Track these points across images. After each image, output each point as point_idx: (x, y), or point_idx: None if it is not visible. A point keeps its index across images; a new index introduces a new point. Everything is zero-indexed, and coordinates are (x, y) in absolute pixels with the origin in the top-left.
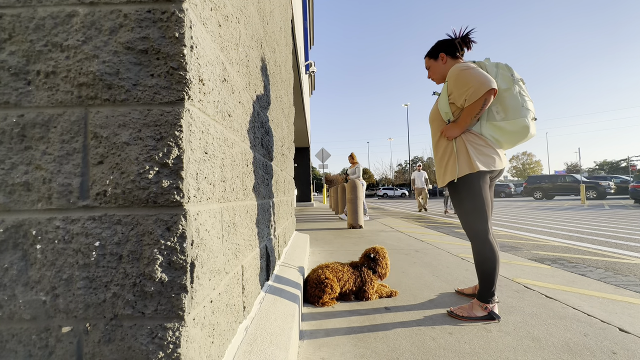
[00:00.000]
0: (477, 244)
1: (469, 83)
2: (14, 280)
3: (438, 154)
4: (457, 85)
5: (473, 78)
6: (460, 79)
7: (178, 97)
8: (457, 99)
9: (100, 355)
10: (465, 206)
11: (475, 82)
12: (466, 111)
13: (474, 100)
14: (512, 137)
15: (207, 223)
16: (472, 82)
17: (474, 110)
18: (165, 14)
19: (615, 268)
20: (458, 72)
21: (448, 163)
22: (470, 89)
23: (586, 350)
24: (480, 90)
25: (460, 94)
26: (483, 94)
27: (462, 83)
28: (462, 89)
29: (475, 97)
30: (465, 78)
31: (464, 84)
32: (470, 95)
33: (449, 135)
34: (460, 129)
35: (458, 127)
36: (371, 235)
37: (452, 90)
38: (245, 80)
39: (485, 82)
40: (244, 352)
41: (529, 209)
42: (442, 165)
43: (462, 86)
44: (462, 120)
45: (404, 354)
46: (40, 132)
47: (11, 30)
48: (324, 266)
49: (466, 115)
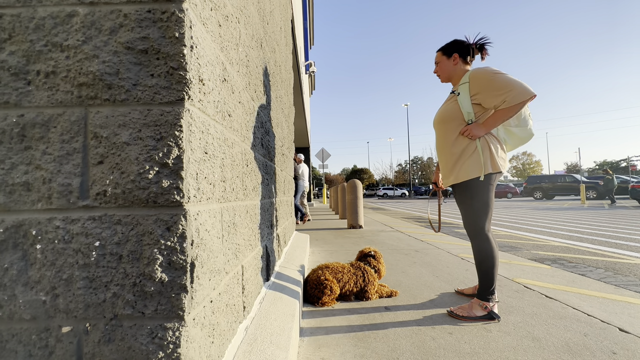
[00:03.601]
0: (478, 242)
1: (510, 86)
2: (14, 280)
3: (455, 153)
4: (491, 88)
5: (514, 82)
6: (496, 82)
7: (178, 97)
8: (487, 101)
9: (100, 355)
10: (475, 204)
11: (518, 86)
12: (501, 113)
13: (514, 103)
14: (519, 142)
15: (207, 223)
16: (514, 86)
17: (509, 113)
18: (165, 14)
19: (615, 268)
20: (492, 74)
21: (467, 161)
22: (511, 92)
23: (586, 350)
24: (524, 95)
25: (495, 95)
26: (526, 98)
27: (500, 86)
28: (498, 91)
29: (517, 100)
30: (504, 81)
31: (503, 86)
32: (511, 98)
33: (474, 135)
34: (487, 130)
35: (485, 127)
36: (371, 235)
37: (480, 91)
38: (245, 80)
39: (528, 87)
40: (244, 352)
41: (529, 209)
42: (458, 164)
43: (500, 89)
44: (493, 121)
45: (404, 354)
46: (40, 132)
47: (11, 30)
48: (324, 266)
49: (499, 116)
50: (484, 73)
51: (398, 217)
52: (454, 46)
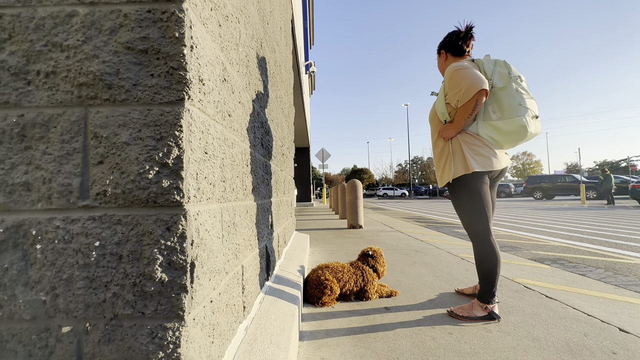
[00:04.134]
0: (477, 245)
1: (461, 83)
2: (14, 280)
3: (436, 155)
4: (451, 86)
5: (465, 78)
6: (453, 79)
7: (178, 97)
8: (451, 99)
9: (100, 355)
10: (465, 207)
11: (466, 82)
12: (459, 111)
13: (465, 100)
14: (510, 136)
15: (207, 223)
16: (464, 82)
17: (466, 111)
18: (165, 14)
19: (615, 268)
20: (452, 72)
21: (445, 164)
22: (462, 89)
23: (586, 350)
24: (471, 91)
25: (453, 94)
26: (474, 94)
27: (455, 83)
28: (455, 89)
29: (467, 97)
30: (458, 78)
31: (457, 84)
32: (462, 95)
33: (445, 136)
34: (456, 130)
35: (453, 128)
36: (371, 235)
37: (448, 90)
38: (245, 80)
39: (476, 82)
40: (244, 352)
41: (529, 209)
42: (440, 166)
43: (455, 86)
44: (456, 121)
45: (404, 354)
46: (40, 132)
47: (11, 30)
48: (324, 266)
49: (459, 115)
50: (447, 71)
51: (398, 217)
52: (442, 43)
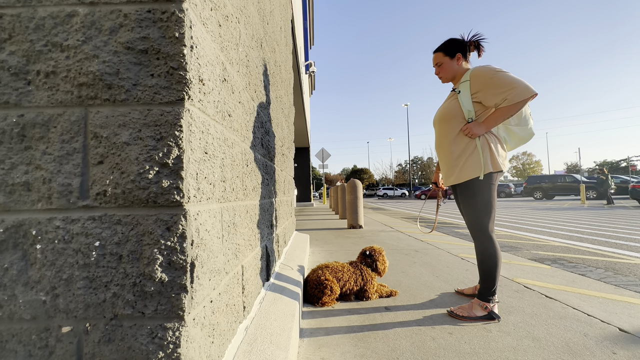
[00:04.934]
0: (482, 242)
1: (511, 84)
2: (14, 280)
3: (454, 152)
4: (493, 86)
5: (516, 80)
6: (498, 80)
7: (178, 97)
8: (488, 99)
9: (100, 355)
10: (478, 203)
11: (520, 84)
12: (502, 111)
13: (516, 101)
14: (519, 141)
15: (207, 223)
16: (516, 84)
17: (510, 111)
18: (165, 14)
19: (615, 268)
20: (494, 72)
21: (467, 161)
22: (513, 90)
23: (586, 350)
24: (526, 93)
25: (496, 94)
26: (528, 97)
27: (501, 84)
28: (499, 89)
29: (519, 98)
30: (506, 79)
31: (504, 84)
32: (513, 96)
33: (474, 133)
34: (487, 128)
35: (485, 126)
36: (371, 235)
37: (481, 89)
38: (245, 80)
39: (529, 86)
40: (244, 352)
41: (529, 209)
42: (459, 163)
43: (501, 87)
44: (493, 119)
45: (404, 354)
46: (40, 132)
47: (11, 30)
48: (324, 266)
49: (500, 115)
50: (485, 71)
51: (398, 217)
52: (456, 45)
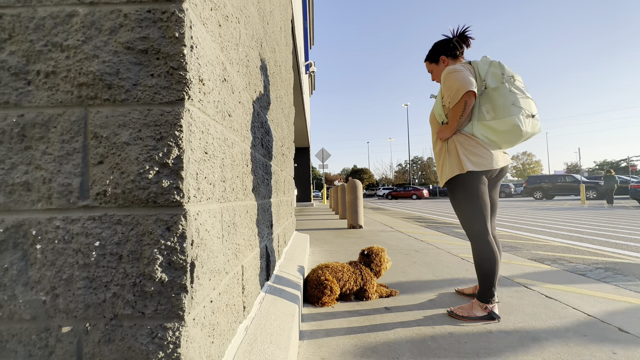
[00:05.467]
0: (475, 244)
1: (452, 85)
2: (14, 280)
3: (435, 155)
4: (445, 88)
5: (455, 80)
6: (446, 82)
7: (178, 97)
8: (445, 101)
9: (100, 355)
10: (462, 206)
11: (456, 84)
12: (451, 113)
13: (455, 102)
14: (505, 136)
15: (207, 223)
16: (454, 85)
17: (457, 112)
18: (165, 14)
19: (615, 268)
20: (445, 74)
21: (443, 164)
22: (452, 91)
23: (586, 350)
24: (459, 92)
25: (447, 95)
26: (462, 96)
27: (448, 86)
28: (448, 91)
29: (456, 98)
30: (450, 81)
31: (449, 86)
32: (452, 97)
33: (441, 137)
34: (451, 131)
35: (448, 129)
36: (371, 235)
37: (443, 92)
38: (245, 80)
39: (464, 84)
40: (244, 352)
41: (529, 209)
42: (440, 165)
43: (448, 88)
44: (450, 122)
45: (404, 354)
46: (40, 132)
47: (11, 30)
48: (324, 266)
49: (452, 117)
50: (443, 74)
51: (398, 217)
52: (438, 50)
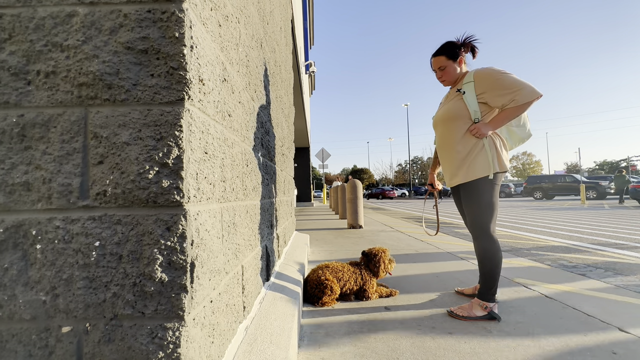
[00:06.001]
0: (483, 242)
1: (518, 86)
2: (14, 280)
3: (461, 152)
4: (499, 87)
5: (522, 82)
6: (504, 81)
7: (178, 97)
8: (495, 100)
9: (100, 355)
10: (483, 203)
11: (526, 86)
12: (508, 112)
13: (523, 102)
14: (518, 142)
15: (207, 223)
16: (523, 86)
17: (517, 112)
18: (165, 14)
19: (615, 268)
20: (500, 74)
21: (475, 160)
22: (520, 92)
23: (586, 350)
24: (532, 95)
25: (503, 95)
26: (534, 98)
27: (508, 85)
28: (506, 90)
29: (525, 100)
30: (512, 81)
31: (511, 86)
32: (520, 97)
33: (482, 133)
34: (494, 128)
35: (492, 126)
36: (371, 235)
37: (487, 90)
38: (245, 80)
39: (536, 88)
40: (244, 352)
41: (529, 209)
42: (466, 162)
43: (508, 88)
44: (500, 120)
45: (404, 354)
46: (40, 132)
47: (11, 30)
48: (324, 266)
49: (507, 115)
50: (490, 72)
51: (398, 217)
52: (457, 48)
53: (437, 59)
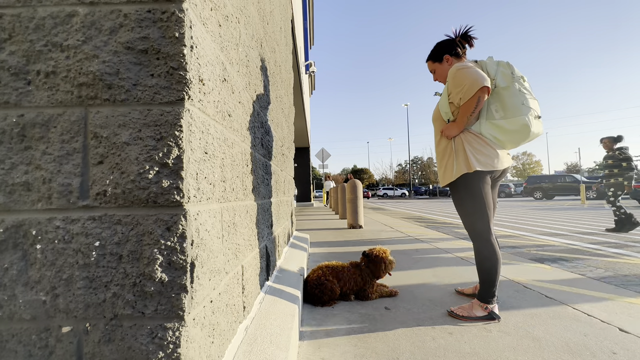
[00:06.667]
0: (478, 244)
1: (464, 81)
2: (14, 280)
3: (439, 154)
4: (454, 84)
5: (467, 76)
6: (456, 78)
7: (178, 97)
8: (454, 98)
9: (100, 355)
10: (466, 206)
11: (468, 80)
12: (461, 110)
13: (467, 98)
14: (513, 136)
15: (207, 223)
16: (466, 80)
17: (469, 109)
18: (165, 14)
19: (615, 268)
20: (455, 71)
21: (447, 163)
22: (464, 87)
23: (586, 350)
24: (473, 88)
25: (456, 92)
26: (476, 91)
27: (458, 82)
28: (457, 88)
29: (469, 95)
30: (461, 77)
31: (460, 82)
32: (464, 93)
33: (447, 135)
34: (459, 128)
35: (456, 127)
36: (371, 235)
37: (451, 89)
38: (245, 80)
39: (478, 79)
40: (244, 352)
41: (529, 209)
42: (442, 165)
43: (458, 85)
44: (459, 119)
45: (404, 354)
46: (40, 132)
47: (11, 30)
48: (324, 266)
49: (462, 113)
50: (450, 71)
51: (398, 217)
52: (442, 49)
53: (428, 64)
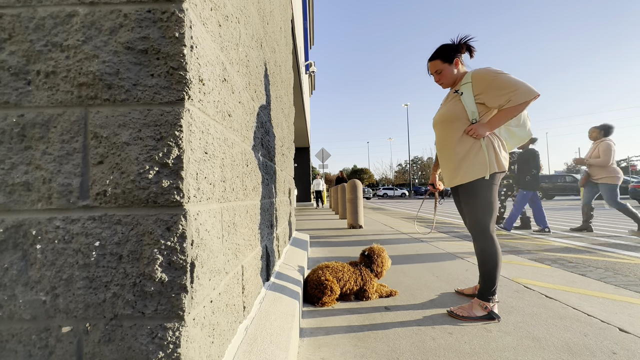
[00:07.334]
0: (483, 242)
1: (514, 86)
2: (14, 280)
3: (459, 153)
4: (496, 87)
5: (518, 82)
6: (500, 82)
7: (178, 97)
8: (492, 100)
9: (100, 355)
10: (481, 203)
11: (523, 86)
12: (505, 112)
13: (519, 102)
14: (518, 142)
15: (207, 223)
16: (519, 86)
17: (514, 112)
18: (165, 14)
19: (615, 268)
20: (496, 74)
21: (473, 161)
22: (517, 92)
23: (586, 350)
24: (529, 94)
25: (499, 95)
26: (531, 97)
27: (505, 85)
28: (503, 91)
29: (522, 100)
30: (508, 81)
31: (507, 86)
32: (516, 97)
33: (479, 134)
34: (491, 129)
35: (489, 126)
36: (371, 235)
37: (484, 91)
38: (245, 80)
39: (532, 87)
40: (244, 352)
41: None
42: (465, 163)
43: (504, 88)
44: (497, 120)
45: (404, 354)
46: (40, 132)
47: (11, 30)
48: (324, 266)
49: (503, 116)
50: (487, 73)
51: (398, 217)
52: (452, 50)
53: (433, 63)
